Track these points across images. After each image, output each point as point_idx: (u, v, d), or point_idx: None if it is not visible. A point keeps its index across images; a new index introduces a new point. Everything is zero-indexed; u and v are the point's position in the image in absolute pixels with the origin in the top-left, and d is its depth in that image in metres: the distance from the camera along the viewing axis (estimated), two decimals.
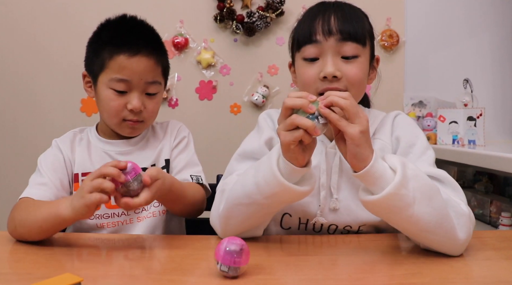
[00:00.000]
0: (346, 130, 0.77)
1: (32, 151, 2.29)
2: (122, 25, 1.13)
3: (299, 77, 1.03)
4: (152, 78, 1.11)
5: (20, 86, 2.31)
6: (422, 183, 0.79)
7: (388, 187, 0.76)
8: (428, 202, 0.78)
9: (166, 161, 1.20)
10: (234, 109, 2.34)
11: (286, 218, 1.04)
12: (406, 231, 0.84)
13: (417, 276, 0.75)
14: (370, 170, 0.78)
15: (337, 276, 0.76)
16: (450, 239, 0.80)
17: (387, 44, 2.32)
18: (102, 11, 2.29)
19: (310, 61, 0.99)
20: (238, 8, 2.28)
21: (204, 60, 2.28)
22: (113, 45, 1.08)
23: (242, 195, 0.86)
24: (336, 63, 0.96)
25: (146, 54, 1.08)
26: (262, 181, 0.82)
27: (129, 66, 1.07)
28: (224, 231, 0.93)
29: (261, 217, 0.91)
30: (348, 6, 1.02)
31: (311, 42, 0.97)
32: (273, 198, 0.84)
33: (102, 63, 1.09)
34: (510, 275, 0.75)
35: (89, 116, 2.31)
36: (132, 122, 1.12)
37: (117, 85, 1.08)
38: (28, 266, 0.81)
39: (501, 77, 2.41)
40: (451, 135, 2.03)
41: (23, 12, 2.29)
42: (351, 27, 0.96)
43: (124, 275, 0.76)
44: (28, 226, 0.92)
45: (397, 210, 0.78)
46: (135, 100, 1.08)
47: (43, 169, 1.10)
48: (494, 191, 2.15)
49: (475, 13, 2.39)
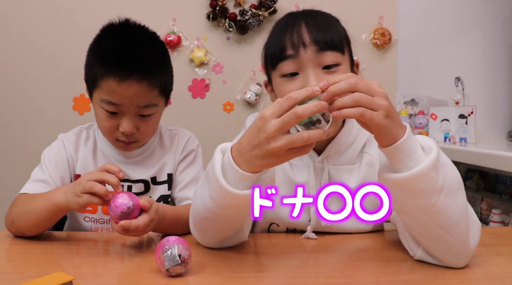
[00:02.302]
0: (374, 121, 0.67)
1: (24, 149, 2.27)
2: (119, 39, 1.03)
3: (280, 95, 0.93)
4: (145, 102, 1.02)
5: (12, 85, 2.29)
6: (453, 173, 0.73)
7: (418, 165, 0.69)
8: (453, 196, 0.71)
9: (169, 176, 1.16)
10: (227, 107, 2.34)
11: (274, 227, 1.03)
12: (419, 225, 0.75)
13: (409, 272, 0.75)
14: (403, 145, 0.70)
15: (329, 273, 0.76)
16: (461, 244, 0.73)
17: (380, 43, 2.32)
18: (94, 9, 2.29)
19: (290, 77, 0.91)
20: (231, 6, 2.28)
21: (197, 58, 2.28)
22: (104, 65, 1.00)
23: (204, 210, 0.80)
24: (318, 75, 0.88)
25: (138, 78, 0.98)
26: (215, 195, 0.75)
27: (118, 91, 0.99)
28: (203, 243, 0.89)
29: (233, 224, 0.84)
30: (318, 13, 0.96)
31: (287, 58, 0.90)
32: (234, 209, 0.77)
33: (95, 80, 1.02)
34: (500, 271, 0.76)
35: (82, 115, 2.29)
36: (125, 143, 1.07)
37: (107, 107, 1.01)
38: (20, 265, 0.80)
39: (492, 76, 2.43)
40: (443, 133, 2.04)
41: (15, 11, 2.27)
42: (328, 36, 0.90)
43: (116, 274, 0.76)
44: (25, 219, 0.92)
45: (421, 193, 0.70)
46: (126, 124, 1.02)
47: (46, 164, 1.09)
48: (485, 188, 2.18)
49: (467, 12, 2.41)
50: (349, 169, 1.00)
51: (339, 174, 0.99)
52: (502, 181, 2.12)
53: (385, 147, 0.71)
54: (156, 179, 1.16)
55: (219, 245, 0.88)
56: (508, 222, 1.78)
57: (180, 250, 0.71)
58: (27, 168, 1.12)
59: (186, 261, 0.71)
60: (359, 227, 1.00)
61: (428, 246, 0.77)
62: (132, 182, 1.13)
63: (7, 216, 0.97)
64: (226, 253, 0.86)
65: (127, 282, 0.72)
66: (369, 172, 0.98)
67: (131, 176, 1.13)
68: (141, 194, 1.15)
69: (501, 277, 0.73)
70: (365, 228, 1.00)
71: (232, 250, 0.88)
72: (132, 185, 1.14)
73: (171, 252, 0.70)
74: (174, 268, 0.70)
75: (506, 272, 0.75)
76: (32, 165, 1.14)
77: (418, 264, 0.78)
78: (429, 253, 0.77)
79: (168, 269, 0.70)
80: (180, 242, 0.73)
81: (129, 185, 1.14)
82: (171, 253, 0.70)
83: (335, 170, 0.99)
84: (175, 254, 0.70)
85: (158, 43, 1.09)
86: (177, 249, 0.71)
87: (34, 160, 1.16)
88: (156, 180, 1.16)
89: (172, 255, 0.70)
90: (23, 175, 1.07)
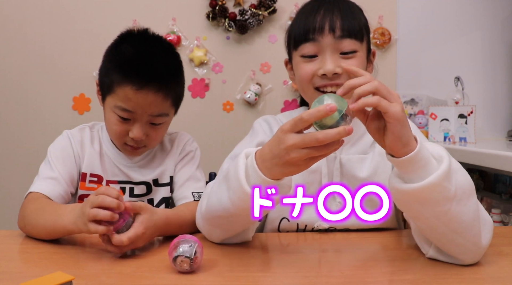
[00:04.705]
0: (389, 109, 0.68)
1: (24, 149, 2.27)
2: (139, 48, 1.06)
3: (297, 73, 1.02)
4: (158, 111, 1.06)
5: (12, 84, 2.29)
6: (464, 178, 0.73)
7: (431, 176, 0.68)
8: (466, 201, 0.71)
9: (171, 178, 1.19)
10: (227, 107, 2.34)
11: (284, 222, 1.03)
12: (431, 229, 0.76)
13: (409, 272, 0.75)
14: (416, 156, 0.69)
15: (329, 273, 0.76)
16: (474, 245, 0.74)
17: (379, 42, 2.32)
18: (94, 9, 2.29)
19: (309, 58, 0.98)
20: (231, 6, 2.28)
21: (197, 58, 2.27)
22: (122, 72, 1.03)
23: (220, 209, 0.82)
24: (335, 60, 0.95)
25: (155, 88, 1.02)
26: (235, 197, 0.77)
27: (134, 99, 1.02)
28: (209, 237, 0.92)
29: (244, 224, 0.87)
30: (342, 1, 1.01)
31: (308, 41, 0.97)
32: (250, 211, 0.76)
33: (111, 85, 1.05)
34: (500, 271, 0.76)
35: (81, 114, 2.29)
36: (133, 148, 1.10)
37: (121, 113, 1.04)
38: (20, 265, 0.80)
39: (492, 75, 2.43)
40: (443, 132, 2.04)
41: (14, 11, 2.27)
42: (349, 24, 0.96)
43: (115, 273, 0.76)
44: (36, 229, 0.94)
45: (434, 203, 0.70)
46: (137, 130, 1.05)
47: (53, 161, 1.10)
48: (484, 187, 2.18)
49: (467, 11, 2.41)
50: (362, 158, 1.02)
51: (350, 163, 1.01)
52: (501, 180, 2.12)
53: (399, 157, 0.71)
54: (158, 181, 1.18)
55: (222, 241, 0.90)
56: (508, 222, 1.78)
57: (197, 248, 0.73)
58: (27, 167, 1.13)
59: (195, 260, 0.72)
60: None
61: (440, 247, 0.77)
62: (135, 184, 1.16)
63: (20, 217, 0.98)
64: (235, 252, 0.86)
65: (127, 282, 0.72)
66: (381, 162, 1.00)
67: (134, 178, 1.15)
68: (143, 196, 1.17)
69: (501, 277, 0.73)
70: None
71: (242, 249, 0.88)
72: (135, 187, 1.16)
73: (190, 245, 0.73)
74: (183, 261, 0.72)
75: (506, 272, 0.75)
76: (32, 165, 1.14)
77: (418, 264, 0.78)
78: (441, 252, 0.78)
79: (176, 258, 0.72)
80: (199, 243, 0.75)
81: (131, 187, 1.15)
82: (190, 246, 0.73)
83: (347, 160, 1.01)
84: (192, 249, 0.72)
85: (174, 55, 1.13)
86: (195, 246, 0.73)
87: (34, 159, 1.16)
88: (158, 182, 1.18)
89: (189, 248, 0.72)
90: (22, 174, 1.07)
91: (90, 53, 2.21)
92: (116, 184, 1.15)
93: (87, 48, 2.23)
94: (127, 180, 1.15)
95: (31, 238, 0.95)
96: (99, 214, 0.80)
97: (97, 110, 2.23)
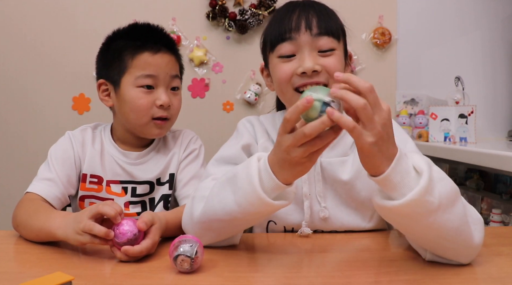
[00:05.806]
0: (359, 140, 0.66)
1: (24, 148, 2.27)
2: (138, 29, 1.16)
3: (275, 75, 0.99)
4: (175, 71, 1.16)
5: (12, 84, 2.29)
6: (447, 187, 0.70)
7: (411, 192, 0.66)
8: (451, 209, 0.70)
9: (171, 175, 1.18)
10: (227, 107, 2.34)
11: (272, 225, 1.03)
12: (421, 239, 0.77)
13: (408, 273, 0.75)
14: (386, 178, 0.68)
15: (328, 273, 0.76)
16: (466, 247, 0.74)
17: (379, 42, 2.32)
18: (94, 9, 2.29)
19: (287, 58, 0.96)
20: (231, 6, 2.28)
21: (197, 58, 2.28)
22: (135, 45, 1.10)
23: (221, 212, 0.79)
24: (314, 57, 0.94)
25: (168, 51, 1.14)
26: (243, 201, 0.75)
27: (153, 62, 1.10)
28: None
29: (239, 229, 0.87)
30: (316, 3, 1.00)
31: (285, 40, 0.95)
32: (255, 215, 0.79)
33: (124, 65, 1.10)
34: (500, 271, 0.75)
35: (81, 114, 2.29)
36: (160, 120, 1.12)
37: (144, 81, 1.10)
38: (19, 265, 0.80)
39: (492, 75, 2.43)
40: (443, 132, 2.04)
41: (15, 10, 2.27)
42: (326, 23, 0.95)
43: (115, 273, 0.76)
44: (26, 231, 0.94)
45: (417, 217, 0.69)
46: (164, 96, 1.11)
47: (53, 162, 1.10)
48: (485, 187, 2.17)
49: (467, 11, 2.41)
50: (342, 161, 1.00)
51: (331, 166, 1.00)
52: (502, 180, 2.11)
53: (371, 176, 0.70)
54: (161, 179, 1.17)
55: (209, 245, 0.87)
56: (508, 222, 1.78)
57: (198, 248, 0.73)
58: (27, 167, 1.13)
59: (196, 260, 0.73)
60: (359, 225, 1.00)
61: (434, 252, 0.78)
62: (138, 183, 1.15)
63: (14, 217, 0.98)
64: (235, 252, 0.86)
65: (127, 282, 0.72)
66: None
67: (137, 177, 1.15)
68: (145, 195, 1.16)
69: (501, 277, 0.73)
70: (365, 226, 1.01)
71: (242, 249, 0.88)
72: (137, 186, 1.15)
73: (191, 245, 0.73)
74: (184, 261, 0.72)
75: (506, 272, 0.75)
76: (31, 164, 1.14)
77: (417, 264, 0.78)
78: (438, 255, 0.78)
79: (176, 257, 0.72)
80: (200, 243, 0.75)
81: (134, 187, 1.15)
82: (191, 245, 0.73)
83: (327, 163, 1.00)
84: (193, 249, 0.73)
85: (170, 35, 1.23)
86: (196, 246, 0.73)
87: (34, 159, 1.16)
88: (160, 181, 1.17)
89: (190, 248, 0.73)
90: (22, 174, 1.07)
91: (90, 53, 2.17)
92: (118, 184, 1.14)
93: (87, 48, 2.22)
94: (129, 180, 1.15)
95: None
96: (94, 228, 0.79)
97: (97, 110, 2.24)
